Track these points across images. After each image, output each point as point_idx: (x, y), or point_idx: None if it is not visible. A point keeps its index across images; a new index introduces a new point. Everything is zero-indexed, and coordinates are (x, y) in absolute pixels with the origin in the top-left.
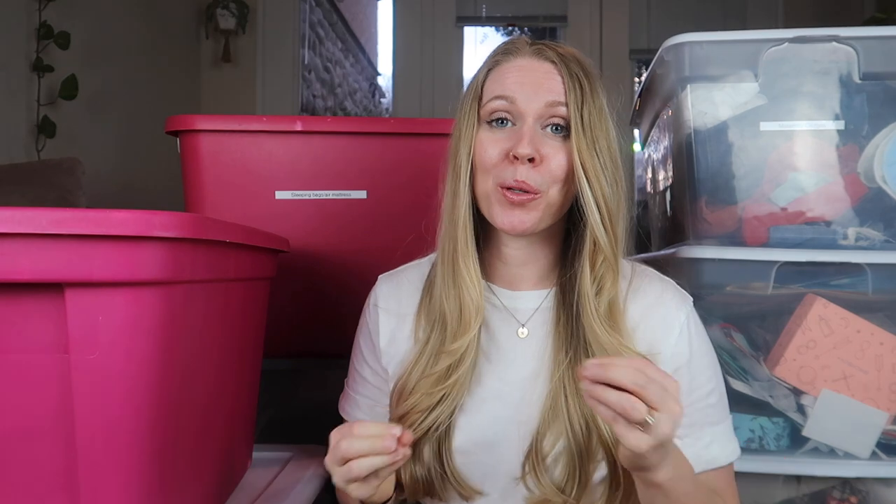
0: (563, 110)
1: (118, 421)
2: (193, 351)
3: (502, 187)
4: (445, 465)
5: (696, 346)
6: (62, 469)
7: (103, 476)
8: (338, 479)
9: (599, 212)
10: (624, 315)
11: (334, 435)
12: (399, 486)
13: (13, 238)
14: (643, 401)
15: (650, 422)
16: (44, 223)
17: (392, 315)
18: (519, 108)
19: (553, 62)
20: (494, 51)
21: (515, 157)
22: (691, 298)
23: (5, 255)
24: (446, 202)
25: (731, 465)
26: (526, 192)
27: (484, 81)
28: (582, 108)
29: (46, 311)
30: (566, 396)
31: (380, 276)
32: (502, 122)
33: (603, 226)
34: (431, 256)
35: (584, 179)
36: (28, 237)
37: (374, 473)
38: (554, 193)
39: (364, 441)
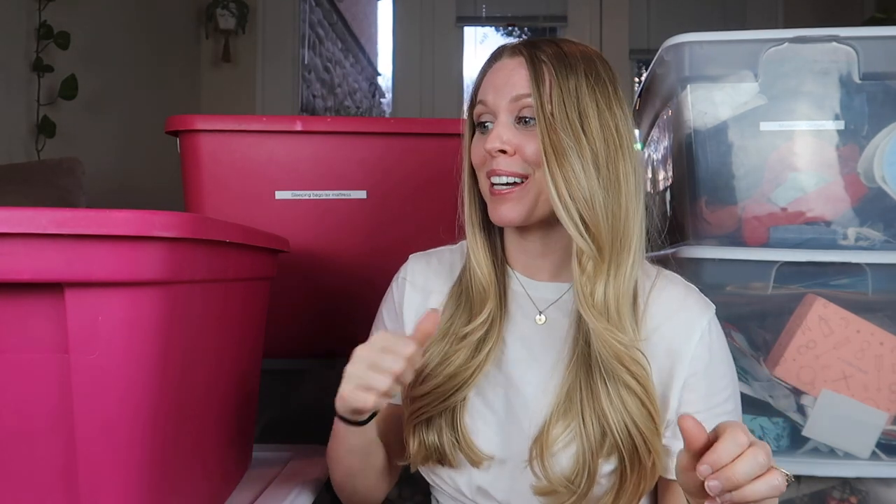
0: (528, 101)
1: (118, 421)
2: (193, 351)
3: (490, 181)
4: (459, 432)
5: (716, 353)
6: (62, 469)
7: (103, 476)
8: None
9: (558, 194)
10: (644, 314)
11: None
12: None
13: (13, 238)
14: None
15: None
16: (44, 223)
17: (419, 290)
18: (491, 109)
19: (521, 55)
20: (488, 58)
21: (490, 153)
22: (714, 307)
23: (5, 255)
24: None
25: None
26: (512, 175)
27: (477, 90)
28: (550, 93)
29: (46, 311)
30: (581, 392)
31: (411, 256)
32: (484, 126)
33: (568, 216)
34: (463, 243)
35: (547, 164)
36: (28, 237)
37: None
38: (540, 178)
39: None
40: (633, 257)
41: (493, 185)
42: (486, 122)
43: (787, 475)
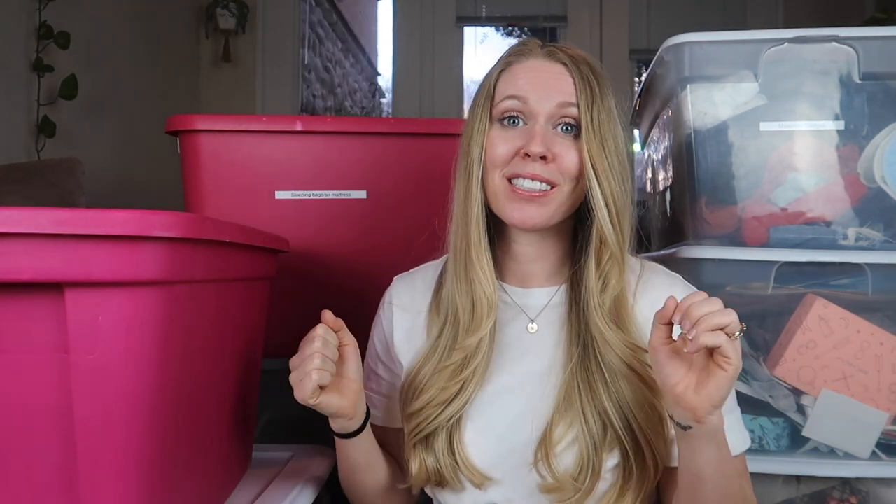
0: (573, 111)
1: (118, 420)
2: (193, 351)
3: (511, 180)
4: (457, 455)
5: None
6: (61, 468)
7: (103, 476)
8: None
9: (608, 209)
10: (633, 310)
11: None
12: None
13: (13, 238)
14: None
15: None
16: (44, 223)
17: (407, 311)
18: (531, 108)
19: (564, 64)
20: (507, 52)
21: (527, 155)
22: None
23: (5, 255)
24: (458, 200)
25: (741, 455)
26: (544, 182)
27: (496, 82)
28: (592, 109)
29: (46, 311)
30: (579, 390)
31: (395, 277)
32: (514, 121)
33: (611, 222)
34: (445, 258)
35: (594, 177)
36: (28, 237)
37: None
38: (566, 190)
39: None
40: (627, 257)
41: (514, 181)
42: (517, 118)
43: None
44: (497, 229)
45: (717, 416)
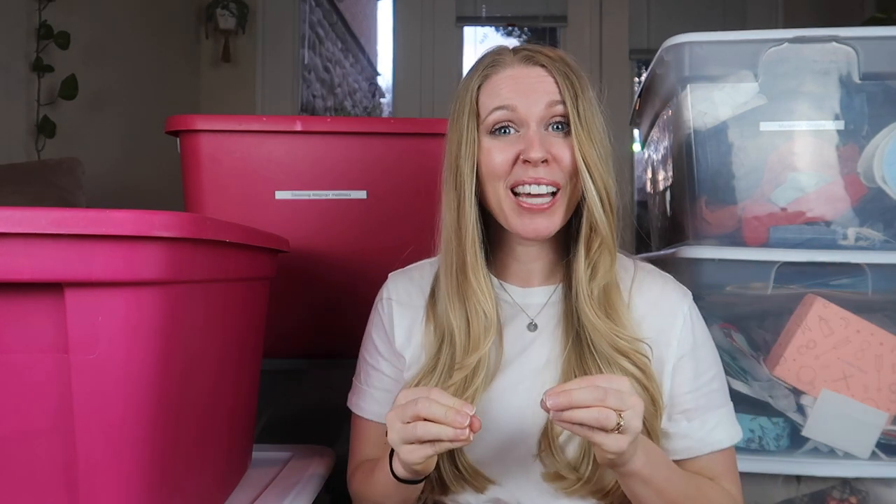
0: (561, 108)
1: (118, 421)
2: (193, 351)
3: (514, 190)
4: (458, 462)
5: (699, 335)
6: (62, 469)
7: (103, 476)
8: (397, 436)
9: (599, 198)
10: (629, 306)
11: (406, 394)
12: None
13: (13, 238)
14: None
15: (622, 424)
16: (43, 223)
17: (405, 307)
18: (521, 115)
19: (543, 65)
20: (481, 64)
21: (527, 161)
22: (690, 292)
23: (5, 255)
24: (448, 217)
25: (732, 448)
26: (549, 184)
27: (478, 96)
28: (577, 104)
29: (46, 311)
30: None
31: (390, 274)
32: (505, 131)
33: (602, 210)
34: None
35: (585, 169)
36: (28, 237)
37: (432, 443)
38: (568, 189)
39: (440, 408)
40: (619, 255)
41: (522, 195)
42: (508, 127)
43: (620, 420)
44: (497, 232)
45: (638, 459)
